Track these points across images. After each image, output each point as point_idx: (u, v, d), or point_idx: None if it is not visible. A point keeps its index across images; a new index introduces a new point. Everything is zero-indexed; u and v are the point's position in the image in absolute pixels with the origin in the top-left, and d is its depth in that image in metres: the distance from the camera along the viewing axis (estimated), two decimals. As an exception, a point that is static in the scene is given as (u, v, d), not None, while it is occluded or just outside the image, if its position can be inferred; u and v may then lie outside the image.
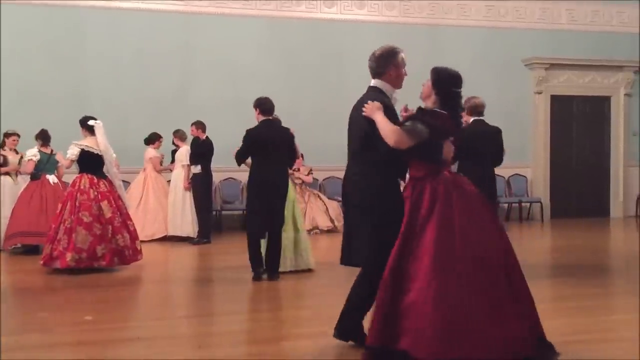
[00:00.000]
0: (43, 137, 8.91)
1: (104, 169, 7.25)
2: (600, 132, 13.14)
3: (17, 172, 9.10)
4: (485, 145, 5.92)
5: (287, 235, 6.78)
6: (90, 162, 7.15)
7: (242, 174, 11.23)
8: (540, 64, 12.56)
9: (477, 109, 6.00)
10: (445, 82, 3.77)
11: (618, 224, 12.26)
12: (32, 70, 10.46)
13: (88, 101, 10.67)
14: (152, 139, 10.10)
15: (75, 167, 7.54)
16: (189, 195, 9.73)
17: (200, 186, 9.58)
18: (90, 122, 7.20)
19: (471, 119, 6.00)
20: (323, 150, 11.55)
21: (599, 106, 13.09)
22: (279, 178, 6.57)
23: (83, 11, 10.78)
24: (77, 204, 6.98)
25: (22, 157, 8.91)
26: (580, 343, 4.22)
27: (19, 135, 9.13)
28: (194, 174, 9.63)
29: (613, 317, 5.16)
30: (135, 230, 7.41)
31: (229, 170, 10.31)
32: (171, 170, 10.18)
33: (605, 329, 4.71)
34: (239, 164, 6.84)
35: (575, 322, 4.84)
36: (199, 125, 9.56)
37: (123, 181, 10.46)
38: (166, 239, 9.78)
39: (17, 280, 6.96)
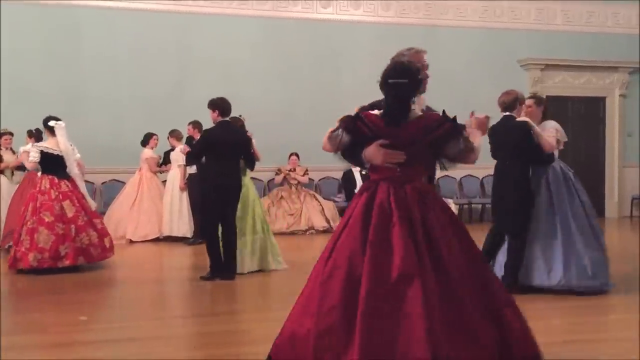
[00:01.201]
0: (37, 136, 8.90)
1: (68, 170, 7.24)
2: (596, 133, 13.16)
3: (13, 170, 9.12)
4: (503, 141, 5.69)
5: (246, 238, 6.81)
6: (50, 163, 7.15)
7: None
8: (535, 64, 12.57)
9: (503, 105, 5.81)
10: (383, 76, 3.29)
11: (613, 224, 12.28)
12: (27, 69, 10.42)
13: (83, 100, 10.67)
14: (147, 139, 10.11)
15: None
16: (185, 196, 9.72)
17: (196, 186, 9.54)
18: (51, 123, 7.21)
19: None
20: (319, 150, 11.48)
21: (594, 107, 13.12)
22: (235, 181, 6.60)
23: (78, 10, 10.74)
24: (38, 204, 7.01)
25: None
26: (577, 343, 4.22)
27: (12, 134, 9.14)
28: (189, 174, 9.61)
29: (610, 317, 5.16)
30: (103, 228, 7.42)
31: (225, 171, 10.31)
32: (162, 172, 10.18)
33: (602, 329, 4.71)
34: (191, 164, 6.87)
35: (571, 322, 4.84)
36: (196, 125, 9.53)
37: (117, 181, 10.55)
38: (160, 240, 9.76)
39: (11, 280, 6.92)
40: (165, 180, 10.06)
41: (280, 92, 11.50)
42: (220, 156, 6.47)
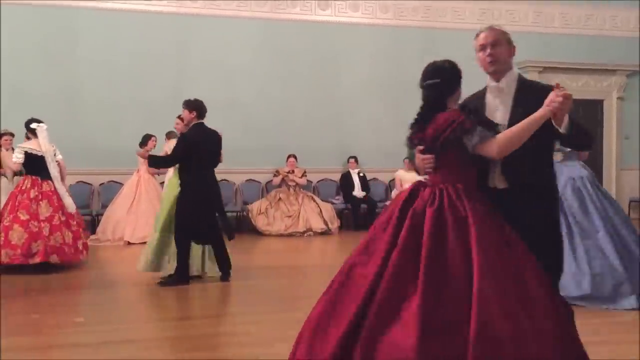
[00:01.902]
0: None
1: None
2: (593, 136, 13.18)
3: (14, 173, 9.12)
4: None
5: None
6: (33, 164, 7.31)
7: (237, 176, 11.26)
8: (533, 67, 12.58)
9: None
10: (420, 79, 3.21)
11: (611, 227, 12.28)
12: (26, 71, 10.42)
13: (82, 102, 10.68)
14: (145, 140, 10.10)
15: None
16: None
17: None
18: (33, 125, 7.35)
19: None
20: (317, 152, 11.55)
21: (592, 110, 13.14)
22: (215, 182, 6.72)
23: (77, 12, 10.74)
24: (16, 203, 7.19)
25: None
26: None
27: (12, 135, 9.14)
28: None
29: (610, 320, 5.16)
30: (78, 230, 7.52)
31: (223, 172, 10.25)
32: (160, 174, 10.15)
33: (601, 332, 4.71)
34: (163, 167, 6.89)
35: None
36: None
37: (115, 182, 10.52)
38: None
39: (9, 281, 6.91)
40: (163, 182, 10.04)
41: (278, 94, 11.51)
42: (201, 158, 6.51)
